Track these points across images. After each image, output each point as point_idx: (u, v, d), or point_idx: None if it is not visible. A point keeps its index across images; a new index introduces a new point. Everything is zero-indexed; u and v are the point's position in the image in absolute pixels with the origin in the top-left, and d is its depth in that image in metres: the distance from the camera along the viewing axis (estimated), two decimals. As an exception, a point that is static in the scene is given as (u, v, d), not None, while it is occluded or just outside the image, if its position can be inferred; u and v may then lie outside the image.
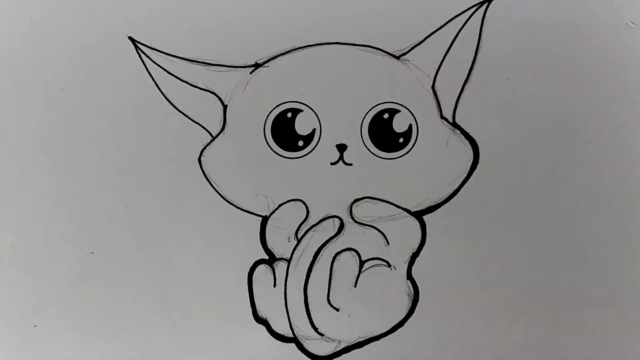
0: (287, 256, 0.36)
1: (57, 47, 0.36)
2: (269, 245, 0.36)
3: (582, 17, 0.36)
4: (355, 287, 0.36)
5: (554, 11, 0.36)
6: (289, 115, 0.36)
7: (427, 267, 0.36)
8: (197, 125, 0.36)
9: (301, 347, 0.36)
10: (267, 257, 0.36)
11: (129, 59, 0.36)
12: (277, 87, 0.36)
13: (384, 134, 0.36)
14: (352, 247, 0.36)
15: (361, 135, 0.36)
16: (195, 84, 0.36)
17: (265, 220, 0.36)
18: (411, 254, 0.36)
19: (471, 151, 0.36)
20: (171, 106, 0.36)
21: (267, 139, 0.36)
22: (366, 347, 0.36)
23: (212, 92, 0.36)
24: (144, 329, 0.36)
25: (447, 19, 0.36)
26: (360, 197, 0.36)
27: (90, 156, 0.36)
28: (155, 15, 0.36)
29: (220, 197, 0.36)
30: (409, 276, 0.36)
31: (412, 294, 0.36)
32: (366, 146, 0.36)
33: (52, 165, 0.36)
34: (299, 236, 0.36)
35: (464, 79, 0.36)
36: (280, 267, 0.36)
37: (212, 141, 0.36)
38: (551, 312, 0.36)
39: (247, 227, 0.36)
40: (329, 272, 0.36)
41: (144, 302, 0.36)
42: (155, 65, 0.36)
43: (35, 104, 0.36)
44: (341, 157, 0.36)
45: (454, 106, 0.36)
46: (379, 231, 0.36)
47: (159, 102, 0.36)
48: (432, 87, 0.36)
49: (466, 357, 0.36)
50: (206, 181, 0.36)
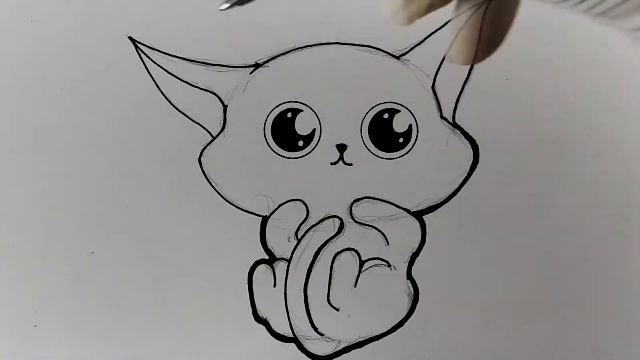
0: (287, 256, 0.36)
1: (57, 47, 0.36)
2: (269, 245, 0.36)
3: (581, 18, 0.36)
4: (355, 287, 0.36)
5: (553, 11, 0.36)
6: (289, 115, 0.36)
7: (427, 267, 0.36)
8: (197, 125, 0.36)
9: (301, 347, 0.36)
10: (267, 257, 0.36)
11: (129, 59, 0.36)
12: (277, 87, 0.36)
13: (384, 134, 0.36)
14: (352, 247, 0.36)
15: (361, 135, 0.36)
16: (195, 84, 0.36)
17: (265, 220, 0.36)
18: (411, 254, 0.36)
19: (471, 151, 0.36)
20: (171, 106, 0.36)
21: (267, 139, 0.36)
22: (366, 347, 0.36)
23: (212, 92, 0.36)
24: (144, 329, 0.36)
25: (447, 19, 0.36)
26: (360, 197, 0.36)
27: (90, 156, 0.36)
28: (155, 15, 0.36)
29: (220, 197, 0.36)
30: (409, 276, 0.36)
31: (412, 294, 0.36)
32: (366, 146, 0.36)
33: (52, 165, 0.36)
34: (299, 236, 0.36)
35: (464, 79, 0.36)
36: (280, 267, 0.36)
37: (212, 141, 0.36)
38: (551, 311, 0.36)
39: (247, 227, 0.36)
40: (329, 272, 0.36)
41: (144, 302, 0.36)
42: (155, 65, 0.36)
43: (35, 104, 0.36)
44: (341, 157, 0.36)
45: (454, 106, 0.36)
46: (379, 231, 0.36)
47: (159, 102, 0.36)
48: (432, 87, 0.36)
49: (466, 357, 0.36)
50: (206, 181, 0.36)
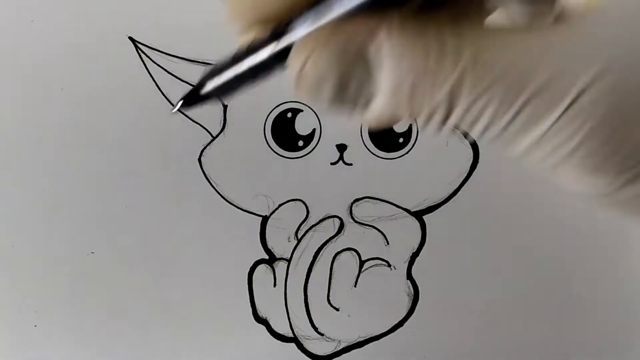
0: (287, 256, 0.36)
1: (57, 47, 0.36)
2: (269, 245, 0.36)
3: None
4: (355, 287, 0.36)
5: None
6: (289, 115, 0.36)
7: (427, 267, 0.36)
8: (197, 125, 0.36)
9: (301, 346, 0.36)
10: (267, 257, 0.36)
11: (129, 59, 0.36)
12: (277, 87, 0.36)
13: (384, 134, 0.36)
14: (352, 247, 0.36)
15: (361, 135, 0.36)
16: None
17: (265, 220, 0.36)
18: (411, 254, 0.36)
19: (471, 151, 0.36)
20: (171, 106, 0.36)
21: (267, 139, 0.36)
22: (366, 347, 0.36)
23: (212, 92, 0.36)
24: (144, 329, 0.36)
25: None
26: (360, 197, 0.36)
27: (90, 156, 0.36)
28: (155, 15, 0.36)
29: (220, 197, 0.36)
30: (409, 276, 0.36)
31: (412, 293, 0.36)
32: (366, 146, 0.36)
33: (52, 165, 0.36)
34: (299, 236, 0.36)
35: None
36: (280, 267, 0.36)
37: (212, 141, 0.36)
38: (551, 311, 0.36)
39: (247, 227, 0.36)
40: (329, 272, 0.36)
41: (144, 302, 0.36)
42: (155, 65, 0.36)
43: (35, 104, 0.36)
44: (341, 157, 0.36)
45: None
46: (379, 231, 0.36)
47: (159, 102, 0.36)
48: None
49: (466, 357, 0.36)
50: (206, 181, 0.36)
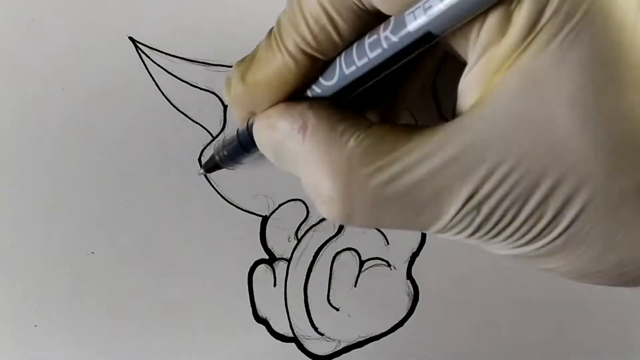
0: (287, 256, 0.36)
1: (57, 47, 0.36)
2: (269, 245, 0.36)
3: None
4: (355, 287, 0.36)
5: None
6: (289, 115, 0.36)
7: (427, 267, 0.36)
8: (197, 125, 0.36)
9: (301, 346, 0.36)
10: (267, 257, 0.36)
11: (129, 59, 0.36)
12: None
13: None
14: (352, 247, 0.36)
15: (361, 135, 0.36)
16: (195, 84, 0.36)
17: (265, 220, 0.36)
18: (411, 254, 0.36)
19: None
20: (171, 106, 0.36)
21: (267, 139, 0.36)
22: (366, 346, 0.36)
23: (212, 92, 0.36)
24: (144, 329, 0.36)
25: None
26: (360, 197, 0.36)
27: (90, 156, 0.36)
28: (155, 15, 0.36)
29: (220, 197, 0.36)
30: (409, 276, 0.36)
31: (412, 293, 0.36)
32: (366, 146, 0.36)
33: (52, 165, 0.36)
34: (299, 236, 0.36)
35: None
36: (280, 267, 0.36)
37: (212, 141, 0.36)
38: (551, 311, 0.36)
39: (247, 227, 0.36)
40: (329, 272, 0.36)
41: (144, 302, 0.36)
42: (155, 65, 0.36)
43: (35, 104, 0.36)
44: (341, 157, 0.36)
45: (453, 106, 0.36)
46: (379, 231, 0.36)
47: (159, 102, 0.36)
48: (432, 87, 0.36)
49: (466, 357, 0.36)
50: (206, 181, 0.36)
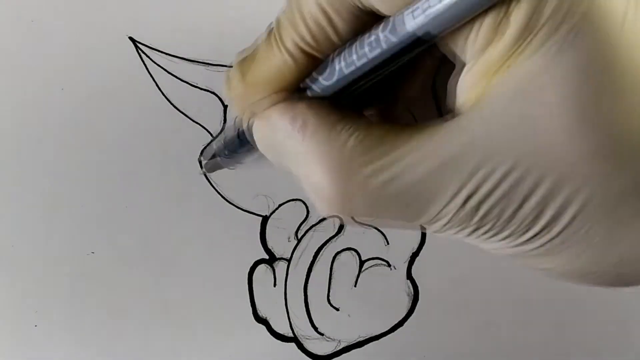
0: (287, 256, 0.36)
1: (57, 47, 0.36)
2: (269, 245, 0.36)
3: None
4: (355, 286, 0.36)
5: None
6: (289, 115, 0.36)
7: (427, 267, 0.36)
8: (197, 125, 0.36)
9: (301, 346, 0.36)
10: (267, 257, 0.36)
11: (129, 59, 0.36)
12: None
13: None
14: (352, 246, 0.36)
15: (361, 135, 0.36)
16: (195, 84, 0.36)
17: (265, 220, 0.36)
18: (411, 254, 0.36)
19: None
20: (171, 106, 0.36)
21: (267, 139, 0.36)
22: (366, 346, 0.36)
23: (212, 92, 0.36)
24: (144, 329, 0.36)
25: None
26: (360, 197, 0.36)
27: (90, 156, 0.36)
28: (155, 15, 0.36)
29: (220, 197, 0.36)
30: (409, 276, 0.36)
31: (412, 293, 0.36)
32: (366, 146, 0.36)
33: (52, 165, 0.36)
34: (299, 236, 0.36)
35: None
36: (280, 267, 0.36)
37: (212, 141, 0.36)
38: (551, 311, 0.36)
39: (247, 227, 0.36)
40: (329, 272, 0.36)
41: (144, 302, 0.36)
42: (155, 65, 0.36)
43: (35, 104, 0.36)
44: (341, 157, 0.36)
45: (452, 105, 0.36)
46: (379, 231, 0.36)
47: (159, 102, 0.36)
48: (432, 87, 0.36)
49: (466, 357, 0.36)
50: (206, 181, 0.36)
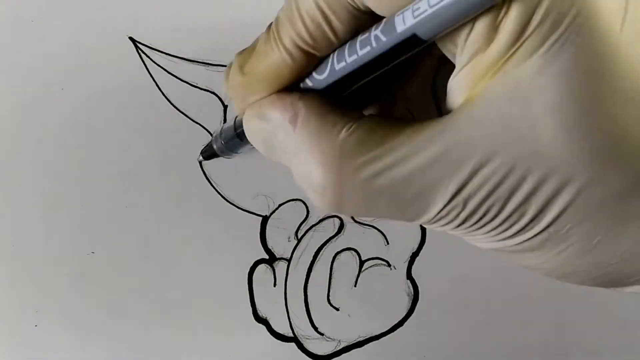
0: (287, 256, 0.36)
1: (57, 47, 0.36)
2: (269, 245, 0.36)
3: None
4: (355, 286, 0.36)
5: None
6: (289, 115, 0.36)
7: (427, 267, 0.36)
8: (197, 125, 0.36)
9: (301, 346, 0.36)
10: (267, 257, 0.36)
11: (129, 59, 0.36)
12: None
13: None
14: (352, 246, 0.36)
15: (361, 135, 0.36)
16: (195, 84, 0.36)
17: (265, 220, 0.36)
18: (411, 254, 0.36)
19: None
20: (171, 106, 0.36)
21: (267, 139, 0.36)
22: (366, 346, 0.36)
23: (212, 92, 0.36)
24: (144, 329, 0.36)
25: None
26: (360, 197, 0.36)
27: (90, 156, 0.36)
28: (155, 15, 0.36)
29: (220, 197, 0.36)
30: (409, 276, 0.36)
31: (412, 293, 0.36)
32: (366, 146, 0.36)
33: (52, 165, 0.36)
34: (299, 236, 0.36)
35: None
36: (280, 267, 0.36)
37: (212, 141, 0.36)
38: (551, 311, 0.36)
39: (247, 227, 0.36)
40: (329, 272, 0.36)
41: (144, 302, 0.36)
42: (155, 65, 0.36)
43: (35, 104, 0.36)
44: (341, 157, 0.36)
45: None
46: (379, 231, 0.36)
47: (159, 102, 0.36)
48: (432, 87, 0.36)
49: (466, 357, 0.36)
50: (206, 181, 0.36)
